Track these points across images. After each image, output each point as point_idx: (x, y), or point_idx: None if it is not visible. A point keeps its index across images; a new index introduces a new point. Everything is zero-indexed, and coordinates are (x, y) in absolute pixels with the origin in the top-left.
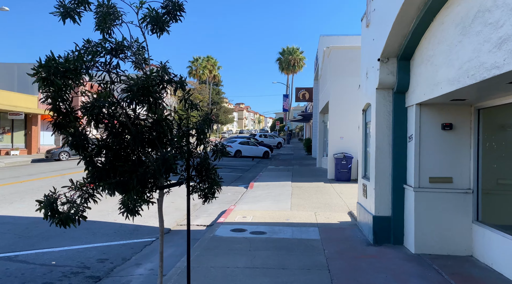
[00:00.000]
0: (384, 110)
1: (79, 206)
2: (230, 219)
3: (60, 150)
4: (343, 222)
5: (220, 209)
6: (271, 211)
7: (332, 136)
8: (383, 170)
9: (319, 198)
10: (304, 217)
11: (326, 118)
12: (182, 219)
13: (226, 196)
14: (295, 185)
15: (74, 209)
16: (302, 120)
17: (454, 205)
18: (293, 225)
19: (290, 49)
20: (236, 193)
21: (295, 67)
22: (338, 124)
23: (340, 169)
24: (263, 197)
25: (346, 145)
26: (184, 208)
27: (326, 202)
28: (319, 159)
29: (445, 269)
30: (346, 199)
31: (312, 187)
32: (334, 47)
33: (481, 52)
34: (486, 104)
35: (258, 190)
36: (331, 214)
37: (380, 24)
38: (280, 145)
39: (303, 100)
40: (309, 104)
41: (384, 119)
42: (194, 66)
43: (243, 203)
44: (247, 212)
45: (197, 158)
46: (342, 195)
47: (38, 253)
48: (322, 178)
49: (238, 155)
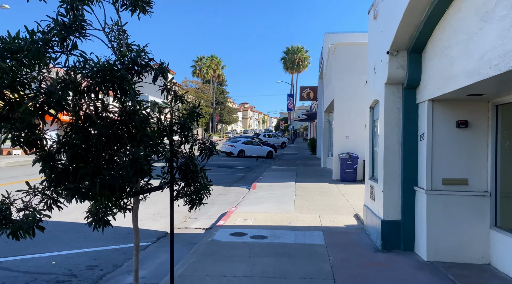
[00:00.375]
0: (393, 107)
1: (35, 214)
2: (231, 221)
3: None
4: (349, 225)
5: (221, 210)
6: (274, 214)
7: (337, 135)
8: (392, 171)
9: (323, 200)
10: (308, 220)
11: (331, 118)
12: (182, 221)
13: (228, 197)
14: (299, 185)
15: (31, 218)
16: (306, 120)
17: (470, 209)
18: (296, 228)
19: (294, 48)
20: (238, 194)
21: (300, 66)
22: (344, 123)
23: (346, 169)
24: (265, 198)
25: (352, 145)
26: (185, 210)
27: (331, 203)
28: (323, 159)
29: (462, 280)
30: (352, 201)
31: (316, 188)
32: (340, 44)
33: (507, 39)
34: (505, 100)
35: (261, 191)
36: (337, 217)
37: (389, 15)
38: (284, 144)
39: (307, 100)
40: (314, 104)
41: (393, 117)
42: (198, 66)
43: (244, 205)
44: (249, 214)
45: (183, 158)
46: (347, 196)
47: (24, 259)
48: (327, 178)
49: (241, 155)
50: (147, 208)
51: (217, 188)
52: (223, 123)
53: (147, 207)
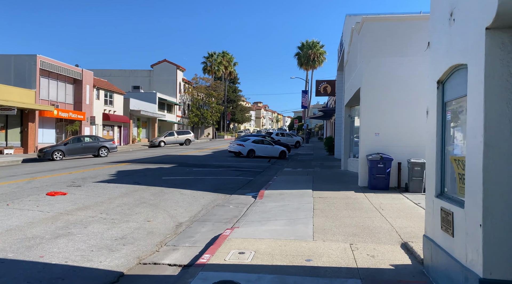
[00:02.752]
0: (503, 71)
1: None
2: (220, 256)
3: (54, 148)
4: (399, 265)
5: (213, 232)
6: (284, 241)
7: (364, 132)
8: (501, 189)
9: (353, 217)
10: (334, 253)
11: (353, 112)
12: (153, 250)
13: (227, 209)
14: (318, 194)
15: None
16: (322, 117)
17: None
18: (318, 273)
19: (310, 43)
20: (240, 205)
21: (315, 62)
22: (373, 117)
23: (376, 174)
24: (274, 213)
25: (383, 143)
26: (165, 232)
27: (364, 224)
28: (344, 160)
29: None
30: (392, 220)
31: (340, 198)
32: (368, 19)
33: None
34: None
35: (270, 201)
36: (377, 248)
37: None
38: (298, 144)
39: (324, 94)
40: (331, 99)
41: (502, 89)
42: (209, 62)
43: (245, 223)
44: (248, 242)
45: None
46: (384, 212)
47: None
48: (350, 184)
49: (251, 155)
50: (111, 228)
51: (216, 197)
52: (235, 122)
53: (113, 225)
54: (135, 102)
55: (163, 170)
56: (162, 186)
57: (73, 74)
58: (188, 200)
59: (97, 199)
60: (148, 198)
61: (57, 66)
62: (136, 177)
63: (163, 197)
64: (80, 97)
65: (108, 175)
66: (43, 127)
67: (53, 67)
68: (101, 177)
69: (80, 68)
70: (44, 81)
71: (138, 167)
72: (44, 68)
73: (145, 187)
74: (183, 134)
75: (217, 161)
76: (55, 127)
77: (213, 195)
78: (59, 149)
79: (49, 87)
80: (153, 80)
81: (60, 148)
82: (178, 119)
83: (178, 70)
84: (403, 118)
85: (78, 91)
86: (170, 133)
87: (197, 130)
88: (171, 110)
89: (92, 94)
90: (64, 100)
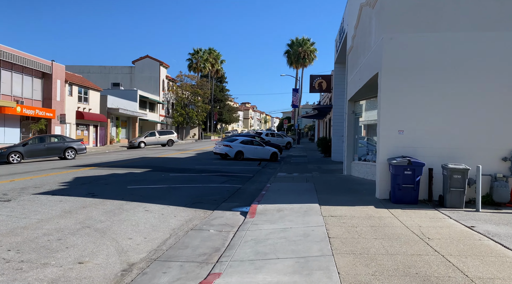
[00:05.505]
0: None
1: None
2: None
3: (11, 149)
4: None
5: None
6: None
7: (385, 129)
8: None
9: (391, 254)
10: None
11: (358, 108)
12: None
13: (206, 236)
14: (328, 211)
15: None
16: (315, 116)
17: None
18: None
19: (300, 40)
20: (224, 228)
21: (306, 60)
22: (396, 109)
23: (402, 183)
24: (273, 244)
25: (408, 143)
26: None
27: (415, 268)
28: (347, 163)
29: None
30: (455, 259)
31: (360, 218)
32: None
33: None
34: None
35: (265, 222)
36: None
37: None
38: (289, 145)
39: (319, 91)
40: (326, 97)
41: None
42: (195, 59)
43: (230, 267)
44: None
45: None
46: (433, 243)
47: None
48: (366, 196)
49: (239, 157)
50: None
51: (192, 214)
52: (222, 123)
53: (14, 276)
54: (113, 100)
55: (132, 176)
56: (123, 199)
57: (41, 67)
58: (152, 221)
59: (20, 222)
60: (97, 219)
61: (21, 58)
62: (95, 185)
63: (119, 216)
64: (49, 93)
65: (60, 183)
66: (4, 126)
67: (16, 58)
68: (49, 186)
69: (49, 61)
70: (6, 74)
71: (103, 172)
72: (5, 59)
73: (100, 200)
74: (166, 135)
75: (200, 164)
76: (20, 126)
77: (189, 211)
78: (17, 150)
79: (12, 81)
80: (134, 77)
81: (17, 149)
82: (161, 118)
83: (162, 66)
84: (437, 112)
85: (47, 86)
86: (151, 133)
87: (182, 130)
88: (154, 109)
89: (64, 90)
90: (31, 96)
